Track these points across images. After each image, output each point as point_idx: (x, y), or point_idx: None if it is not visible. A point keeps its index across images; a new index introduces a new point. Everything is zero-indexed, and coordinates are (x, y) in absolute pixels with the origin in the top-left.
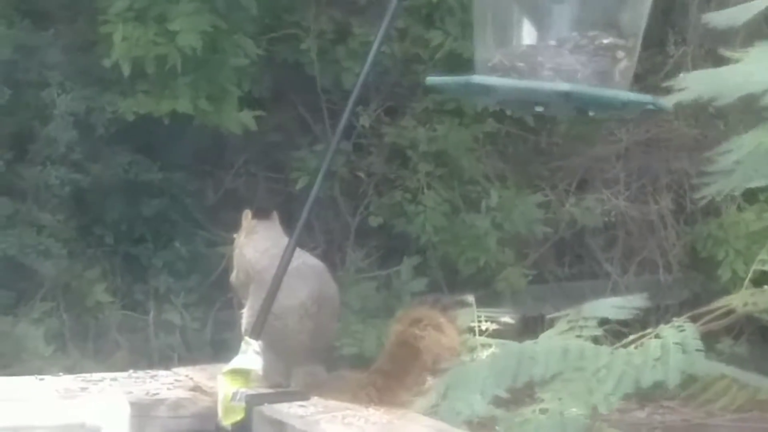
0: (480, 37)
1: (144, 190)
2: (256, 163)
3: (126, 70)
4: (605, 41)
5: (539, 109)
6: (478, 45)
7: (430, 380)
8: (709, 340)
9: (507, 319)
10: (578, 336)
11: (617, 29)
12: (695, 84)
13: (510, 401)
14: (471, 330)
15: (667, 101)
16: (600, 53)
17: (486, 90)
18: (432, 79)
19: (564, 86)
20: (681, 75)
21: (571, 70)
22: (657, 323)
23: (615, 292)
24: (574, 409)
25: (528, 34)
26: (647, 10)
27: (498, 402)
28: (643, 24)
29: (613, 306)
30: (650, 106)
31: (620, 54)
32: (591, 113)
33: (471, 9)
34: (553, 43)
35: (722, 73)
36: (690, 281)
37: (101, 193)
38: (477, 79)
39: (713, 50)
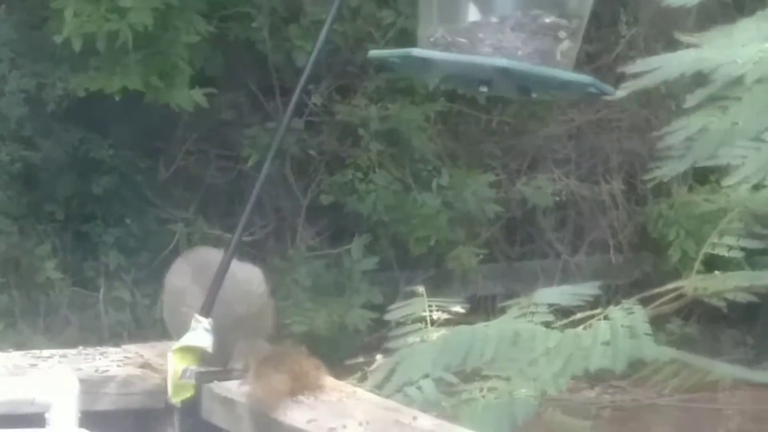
0: (424, 12)
1: (95, 167)
2: (208, 140)
3: (77, 46)
4: (547, 20)
5: (483, 88)
6: (422, 20)
7: (378, 359)
8: (659, 321)
9: (458, 308)
10: (530, 322)
11: (561, 9)
12: (648, 69)
13: (458, 385)
14: (422, 319)
15: (622, 89)
16: (541, 32)
17: (426, 63)
18: (374, 53)
19: (502, 62)
20: (636, 61)
21: (512, 48)
22: (607, 303)
23: (565, 271)
24: (523, 390)
25: (472, 11)
26: None
27: (446, 385)
28: (588, 6)
29: (564, 293)
30: (592, 89)
31: (562, 34)
32: (533, 94)
33: None
34: (495, 20)
35: (675, 57)
36: (640, 261)
37: (52, 170)
38: (417, 52)
39: (665, 30)
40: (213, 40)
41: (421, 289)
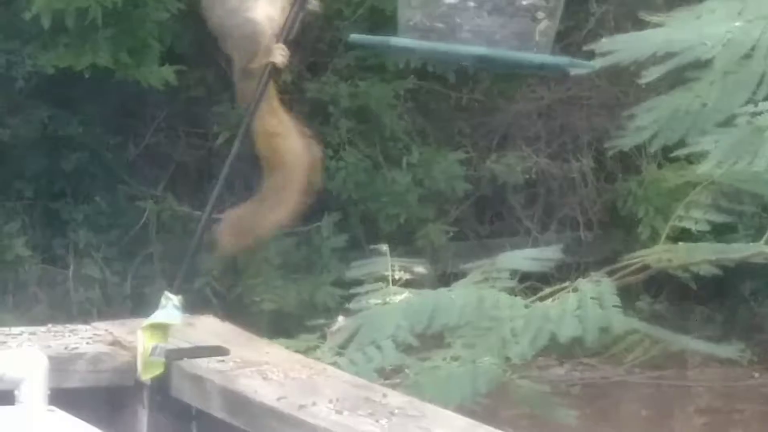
0: None
1: (64, 144)
2: (177, 118)
3: (46, 23)
4: (525, 2)
5: (465, 63)
6: (401, 3)
7: (339, 320)
8: (629, 298)
9: (420, 269)
10: (492, 287)
11: None
12: (617, 47)
13: (420, 350)
14: (385, 279)
15: (597, 62)
16: (519, 14)
17: (406, 51)
18: (355, 37)
19: (480, 50)
20: (603, 39)
21: (490, 32)
22: (577, 280)
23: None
24: (487, 359)
25: None
26: None
27: (408, 350)
28: None
29: (527, 257)
30: (568, 69)
31: (540, 15)
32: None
33: None
34: (472, 4)
35: (644, 37)
36: (610, 238)
37: (21, 147)
38: (396, 41)
39: (635, 9)
40: (183, 17)
41: (384, 247)
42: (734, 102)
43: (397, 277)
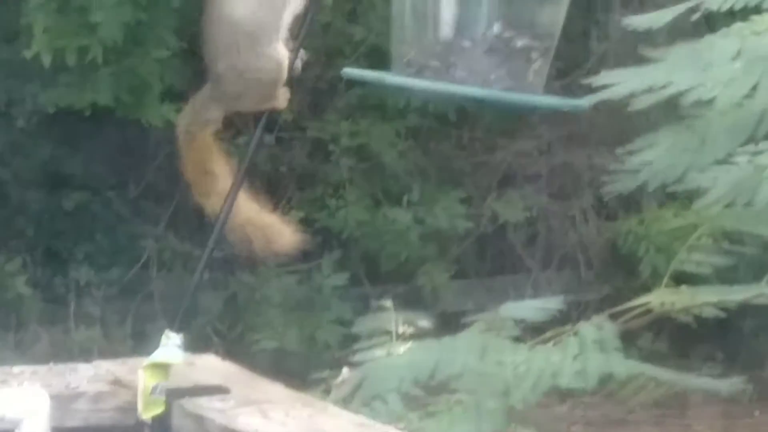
0: (397, 31)
1: (65, 182)
2: (178, 156)
3: (47, 61)
4: (519, 44)
5: (458, 102)
6: (395, 39)
7: (344, 372)
8: (630, 337)
9: (424, 322)
10: (496, 336)
11: (533, 31)
12: (615, 82)
13: (424, 398)
14: (389, 333)
15: (587, 100)
16: (514, 55)
17: (400, 89)
18: (348, 71)
19: (476, 91)
20: (601, 73)
21: (484, 71)
22: (578, 319)
23: (536, 287)
24: (490, 404)
25: (444, 31)
26: (564, 12)
27: (412, 399)
28: (559, 25)
29: (531, 308)
30: (564, 108)
31: (534, 55)
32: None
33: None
34: (467, 44)
35: (643, 72)
36: (611, 277)
37: (22, 185)
38: (391, 79)
39: (636, 47)
40: (183, 55)
41: (389, 303)
42: (734, 141)
43: (401, 331)
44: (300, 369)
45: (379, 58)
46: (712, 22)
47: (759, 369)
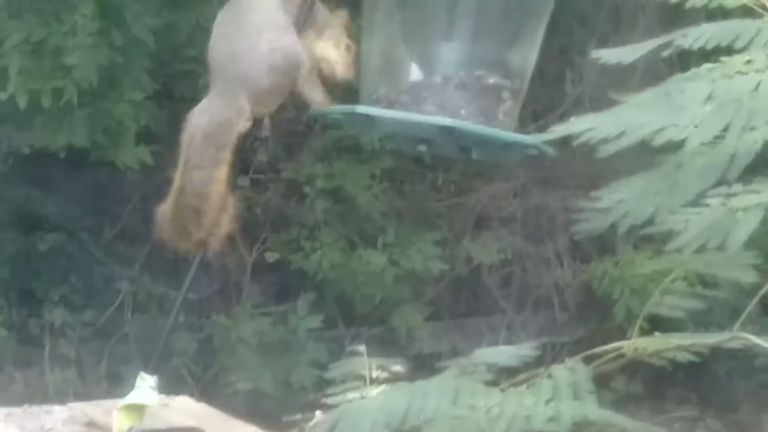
0: (366, 70)
1: (40, 224)
2: (153, 198)
3: (22, 103)
4: (491, 81)
5: (422, 147)
6: (364, 77)
7: (317, 415)
8: (604, 379)
9: (398, 367)
10: (470, 380)
11: (504, 70)
12: (588, 126)
13: None
14: (362, 377)
15: (556, 144)
16: (485, 92)
17: (369, 120)
18: (316, 110)
19: (446, 121)
20: (572, 118)
21: (455, 107)
22: (552, 361)
23: (511, 329)
24: None
25: (414, 71)
26: (536, 54)
27: None
28: (530, 67)
29: (504, 353)
30: (533, 150)
31: (505, 94)
32: (474, 155)
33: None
34: (438, 80)
35: (616, 116)
36: (585, 319)
37: None
38: (360, 109)
39: (611, 89)
40: (158, 97)
41: (362, 347)
42: (704, 182)
43: (374, 376)
44: (274, 411)
45: (353, 99)
46: (685, 63)
47: (733, 412)
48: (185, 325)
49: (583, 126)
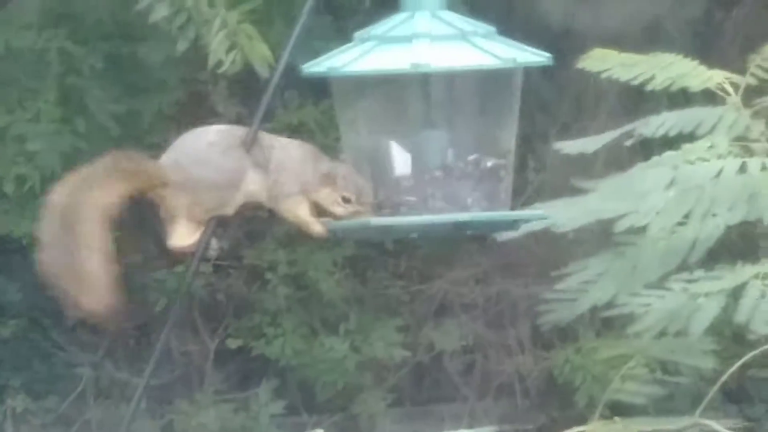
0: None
1: (2, 310)
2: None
3: None
4: (489, 164)
5: (414, 235)
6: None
7: None
8: None
9: None
10: None
11: (494, 149)
12: (552, 213)
13: None
14: None
15: (521, 230)
16: (485, 176)
17: (385, 230)
18: (332, 224)
19: (462, 216)
20: (536, 204)
21: (461, 197)
22: None
23: (473, 416)
24: None
25: (402, 163)
26: (516, 124)
27: None
28: (513, 139)
29: None
30: (538, 220)
31: (503, 173)
32: (468, 233)
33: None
34: (439, 174)
35: (579, 203)
36: (547, 406)
37: None
38: (376, 221)
39: (572, 177)
40: None
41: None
42: (665, 267)
43: None
44: None
45: None
46: (647, 149)
47: None
48: (147, 411)
49: (547, 212)
